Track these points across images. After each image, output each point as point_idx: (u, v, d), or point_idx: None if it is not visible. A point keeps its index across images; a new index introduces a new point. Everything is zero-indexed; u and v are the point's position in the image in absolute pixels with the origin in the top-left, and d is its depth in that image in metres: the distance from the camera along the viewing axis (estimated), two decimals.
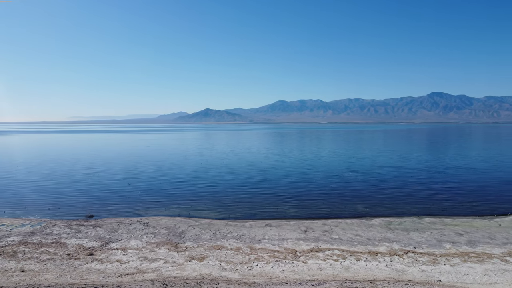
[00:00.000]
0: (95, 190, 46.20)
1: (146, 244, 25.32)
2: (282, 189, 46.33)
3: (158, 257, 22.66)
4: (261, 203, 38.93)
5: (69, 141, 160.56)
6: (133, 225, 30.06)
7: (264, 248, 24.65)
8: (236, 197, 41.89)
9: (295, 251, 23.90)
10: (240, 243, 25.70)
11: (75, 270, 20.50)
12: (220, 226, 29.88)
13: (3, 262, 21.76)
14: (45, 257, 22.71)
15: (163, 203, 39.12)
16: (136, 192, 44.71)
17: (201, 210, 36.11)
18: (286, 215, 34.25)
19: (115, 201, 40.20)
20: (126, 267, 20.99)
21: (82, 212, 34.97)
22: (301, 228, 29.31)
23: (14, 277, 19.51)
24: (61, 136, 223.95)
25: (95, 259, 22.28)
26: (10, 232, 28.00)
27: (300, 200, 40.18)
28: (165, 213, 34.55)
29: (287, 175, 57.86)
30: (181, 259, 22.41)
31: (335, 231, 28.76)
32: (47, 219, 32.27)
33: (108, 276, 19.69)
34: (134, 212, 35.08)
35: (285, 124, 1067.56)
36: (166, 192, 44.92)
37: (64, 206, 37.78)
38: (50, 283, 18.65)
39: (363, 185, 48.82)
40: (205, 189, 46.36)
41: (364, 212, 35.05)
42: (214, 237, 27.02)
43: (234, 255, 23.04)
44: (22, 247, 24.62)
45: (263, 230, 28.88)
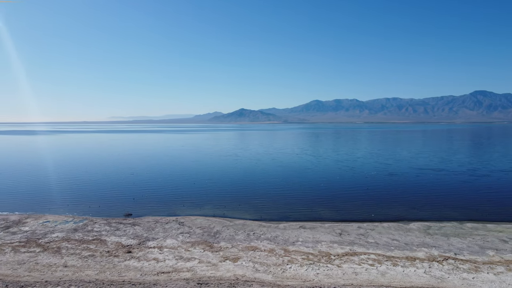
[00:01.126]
0: (133, 189, 47.55)
1: (181, 244, 25.81)
2: (316, 191, 45.89)
3: (193, 257, 23.04)
4: (295, 205, 38.73)
5: (109, 141, 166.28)
6: (169, 224, 30.72)
7: (298, 250, 24.50)
8: (270, 198, 41.89)
9: (329, 254, 23.60)
10: (273, 244, 25.68)
11: (114, 267, 21.21)
12: (254, 227, 29.99)
13: (48, 257, 22.86)
14: (86, 253, 23.65)
15: (198, 202, 39.75)
16: (171, 191, 45.73)
17: (235, 210, 36.40)
18: (320, 217, 33.87)
19: (152, 200, 41.22)
20: (162, 266, 21.48)
21: (121, 211, 36.15)
22: (335, 231, 28.90)
23: (58, 272, 20.43)
24: (101, 136, 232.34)
25: (133, 257, 22.95)
26: (55, 229, 29.36)
27: (334, 202, 39.64)
28: (200, 213, 35.08)
29: (322, 176, 57.21)
30: (215, 259, 22.68)
31: (371, 234, 28.16)
32: (89, 216, 33.60)
33: (145, 274, 20.22)
34: (170, 212, 35.85)
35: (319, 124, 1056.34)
36: (201, 192, 45.58)
37: (104, 204, 39.18)
38: (91, 279, 19.39)
39: (401, 188, 47.48)
40: (239, 190, 46.67)
41: (401, 216, 34.09)
42: (248, 238, 27.15)
43: (267, 257, 23.05)
44: (65, 243, 25.76)
45: (297, 232, 28.72)
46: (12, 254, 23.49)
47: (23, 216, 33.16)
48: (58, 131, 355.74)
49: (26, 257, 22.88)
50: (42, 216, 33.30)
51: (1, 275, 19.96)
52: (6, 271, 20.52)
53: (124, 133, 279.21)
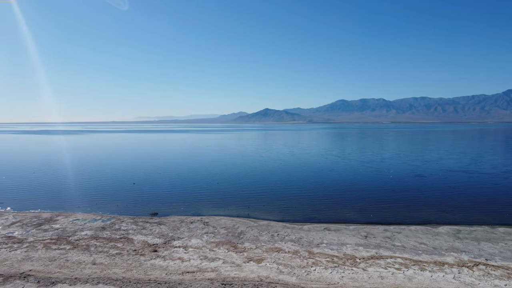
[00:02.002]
0: (159, 188, 48.36)
1: (206, 243, 26.03)
2: (341, 192, 45.36)
3: (217, 257, 23.20)
4: (320, 206, 38.40)
5: (136, 141, 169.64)
6: (194, 224, 31.05)
7: (323, 252, 24.27)
8: (294, 199, 41.70)
9: (354, 257, 23.27)
10: (298, 246, 25.55)
11: (140, 266, 21.62)
12: (278, 228, 29.91)
13: (78, 255, 23.53)
14: (114, 251, 24.20)
15: (222, 202, 40.02)
16: (196, 190, 46.23)
17: (259, 211, 36.42)
18: (345, 219, 33.44)
19: (177, 199, 41.78)
20: (187, 265, 21.72)
21: (147, 210, 36.82)
22: (361, 234, 28.48)
23: (87, 270, 21.00)
24: (128, 135, 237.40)
25: (159, 256, 23.32)
26: (84, 227, 30.20)
27: (360, 204, 39.05)
28: (224, 213, 35.31)
29: (347, 177, 56.50)
30: (240, 259, 22.75)
31: (397, 238, 27.58)
32: (116, 215, 34.38)
33: (170, 273, 20.51)
34: (194, 211, 36.24)
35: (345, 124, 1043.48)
36: (225, 192, 45.88)
37: (131, 203, 40.01)
38: (118, 277, 19.83)
39: (429, 190, 46.29)
40: (263, 190, 46.68)
41: (430, 219, 33.23)
42: (272, 239, 27.11)
43: (291, 259, 22.95)
44: (94, 241, 26.45)
45: (321, 234, 28.46)
46: (44, 250, 24.32)
47: (54, 214, 34.28)
48: (87, 131, 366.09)
49: (57, 254, 23.63)
50: (72, 214, 34.33)
51: (33, 271, 20.68)
52: (38, 267, 21.25)
53: (150, 133, 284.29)
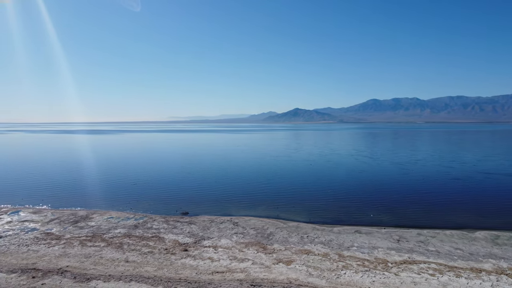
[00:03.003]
0: (190, 187, 49.08)
1: (235, 244, 26.17)
2: (373, 194, 44.46)
3: (246, 258, 23.27)
4: (350, 208, 37.79)
5: (168, 140, 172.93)
6: (224, 224, 31.28)
7: (353, 256, 23.87)
8: (324, 200, 41.25)
9: (386, 262, 22.74)
10: (328, 248, 25.25)
11: (171, 265, 21.99)
12: (308, 230, 29.67)
13: (111, 252, 24.22)
14: (146, 250, 24.75)
15: (251, 203, 40.12)
16: (225, 190, 46.57)
17: (289, 212, 36.23)
18: (377, 222, 32.70)
19: (207, 199, 42.24)
20: (217, 265, 21.91)
21: (178, 209, 37.41)
22: (393, 237, 27.81)
23: (120, 267, 21.58)
24: (160, 135, 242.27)
25: (189, 255, 23.64)
26: (117, 225, 31.06)
27: (392, 207, 38.12)
28: (254, 214, 35.35)
29: (379, 179, 55.32)
30: (269, 261, 22.73)
31: (431, 242, 26.75)
32: (148, 214, 35.14)
33: (200, 273, 20.74)
34: (224, 211, 36.51)
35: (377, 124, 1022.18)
36: (255, 192, 45.97)
37: (163, 202, 40.79)
38: (149, 275, 20.25)
39: (466, 193, 44.61)
40: (293, 191, 46.43)
41: (466, 223, 32.01)
42: (302, 241, 26.92)
43: (321, 261, 22.70)
44: (127, 239, 27.15)
45: (352, 236, 28.00)
46: (79, 247, 25.18)
47: (89, 212, 35.44)
48: (121, 130, 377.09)
49: (92, 251, 24.41)
50: (106, 212, 35.37)
51: (70, 267, 21.45)
52: (74, 264, 22.03)
53: (182, 133, 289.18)
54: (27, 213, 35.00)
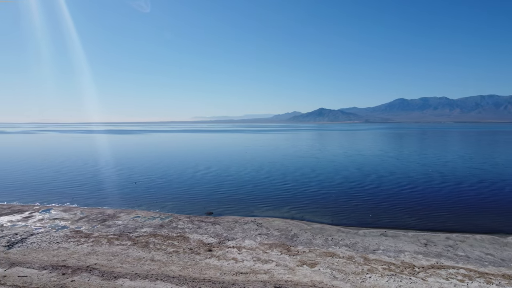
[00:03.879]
0: (214, 187, 49.47)
1: (259, 245, 26.19)
2: (399, 196, 43.57)
3: (270, 259, 23.24)
4: (376, 210, 37.13)
5: (192, 140, 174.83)
6: (248, 224, 31.36)
7: (379, 259, 23.45)
8: (349, 202, 40.71)
9: (413, 266, 22.22)
10: (352, 251, 24.91)
11: (195, 264, 22.22)
12: (332, 232, 29.37)
13: (138, 251, 24.69)
14: (171, 249, 25.10)
15: (275, 204, 40.04)
16: (249, 191, 46.68)
17: (313, 213, 35.96)
18: (403, 225, 32.00)
19: (231, 199, 42.46)
20: (241, 266, 21.98)
21: (203, 209, 37.78)
22: (420, 241, 27.16)
23: (146, 266, 21.97)
24: (185, 135, 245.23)
25: (213, 256, 23.82)
26: (144, 224, 31.63)
27: (419, 210, 37.19)
28: (277, 215, 35.27)
29: (405, 181, 54.16)
30: (292, 263, 22.62)
31: (460, 247, 25.97)
32: (173, 213, 35.62)
33: (224, 273, 20.86)
34: (248, 212, 36.59)
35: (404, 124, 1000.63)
36: (279, 193, 45.85)
37: (187, 202, 41.30)
38: (174, 275, 20.53)
39: (498, 197, 43.05)
40: (317, 192, 46.06)
41: (498, 228, 30.90)
42: (326, 243, 26.66)
43: (346, 264, 22.41)
44: (152, 238, 27.61)
45: (377, 239, 27.53)
46: (107, 246, 25.79)
47: (117, 211, 36.25)
48: (147, 130, 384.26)
49: (119, 249, 24.96)
50: (133, 212, 36.10)
51: (98, 265, 22.01)
52: (102, 261, 22.58)
53: (206, 133, 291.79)
54: (57, 211, 36.13)
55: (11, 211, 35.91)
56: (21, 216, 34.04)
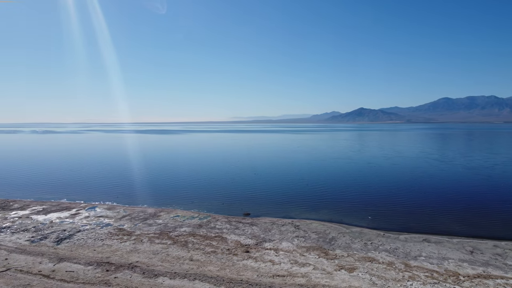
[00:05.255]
0: (251, 188, 49.74)
1: (296, 248, 26.05)
2: (443, 200, 41.85)
3: (307, 262, 23.06)
4: (418, 215, 35.89)
5: (230, 140, 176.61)
6: (285, 226, 31.27)
7: (420, 266, 22.66)
8: (389, 205, 39.63)
9: (457, 274, 21.29)
10: (393, 257, 24.22)
11: (233, 265, 22.44)
12: (372, 236, 28.71)
13: (177, 250, 25.27)
14: (209, 249, 25.49)
15: (312, 206, 39.64)
16: (286, 192, 46.54)
17: (351, 216, 35.27)
18: (447, 231, 30.69)
19: (269, 200, 42.51)
20: (278, 269, 21.96)
21: (240, 209, 38.08)
22: (466, 248, 25.98)
23: (185, 265, 22.44)
24: (222, 135, 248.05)
25: (250, 257, 23.95)
26: (183, 223, 32.33)
27: (465, 215, 35.53)
28: (315, 217, 34.89)
29: (450, 184, 51.94)
30: (330, 267, 22.32)
31: (510, 256, 24.59)
32: (212, 213, 36.16)
33: (261, 275, 20.92)
34: (285, 213, 36.46)
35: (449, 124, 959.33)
36: (316, 195, 45.36)
37: (225, 202, 41.75)
38: (212, 275, 20.83)
39: None
40: (356, 195, 45.17)
41: None
42: (365, 248, 26.10)
43: (386, 270, 21.83)
44: (191, 238, 28.16)
45: (419, 245, 26.61)
46: (148, 244, 26.59)
47: (157, 210, 37.28)
48: (186, 130, 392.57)
49: (159, 248, 25.65)
50: (173, 211, 36.98)
51: (139, 262, 22.73)
52: (143, 259, 23.30)
53: (244, 133, 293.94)
54: (102, 209, 37.68)
55: (60, 208, 37.85)
56: (68, 213, 35.80)
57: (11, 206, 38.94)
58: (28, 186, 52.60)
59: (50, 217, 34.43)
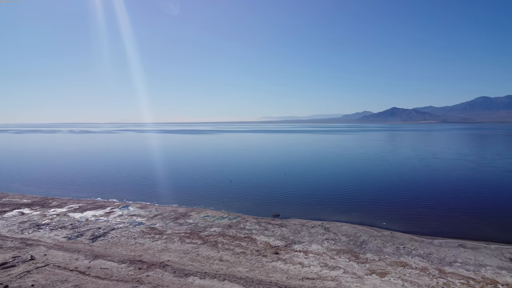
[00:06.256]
0: (281, 189, 49.61)
1: (326, 250, 25.76)
2: (480, 205, 40.25)
3: (337, 266, 22.75)
4: (453, 219, 34.68)
5: (260, 141, 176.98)
6: (315, 228, 31.00)
7: (456, 272, 21.87)
8: (422, 209, 38.43)
9: (495, 283, 20.40)
10: (426, 262, 23.52)
11: (262, 267, 22.45)
12: (404, 240, 27.99)
13: (207, 250, 25.56)
14: (238, 250, 25.63)
15: (342, 208, 39.09)
16: (316, 193, 46.11)
17: (383, 219, 34.46)
18: (484, 236, 29.47)
19: (298, 202, 42.27)
20: (307, 271, 21.79)
21: (269, 211, 38.03)
22: (504, 255, 24.87)
23: (215, 265, 22.66)
24: (252, 135, 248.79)
25: (280, 259, 23.89)
26: (213, 223, 32.66)
27: (504, 221, 33.95)
28: (345, 219, 34.35)
29: (487, 188, 49.90)
30: (361, 271, 21.93)
31: None
32: (241, 214, 36.32)
33: (291, 277, 20.82)
34: (315, 215, 36.10)
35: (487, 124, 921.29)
36: (346, 196, 44.73)
37: (254, 203, 41.83)
38: (242, 276, 20.92)
39: None
40: (388, 197, 44.19)
41: None
42: (397, 252, 25.48)
43: (419, 276, 21.21)
44: (221, 238, 28.41)
45: (455, 251, 25.71)
46: (179, 243, 27.04)
47: (188, 210, 37.85)
48: (217, 130, 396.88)
49: (190, 248, 26.03)
50: (203, 211, 37.44)
51: (170, 261, 23.15)
52: (174, 258, 23.71)
53: (273, 133, 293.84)
54: (135, 208, 38.65)
55: (95, 206, 39.12)
56: (103, 211, 36.95)
57: (50, 204, 40.62)
58: (65, 184, 54.75)
59: (85, 215, 35.66)
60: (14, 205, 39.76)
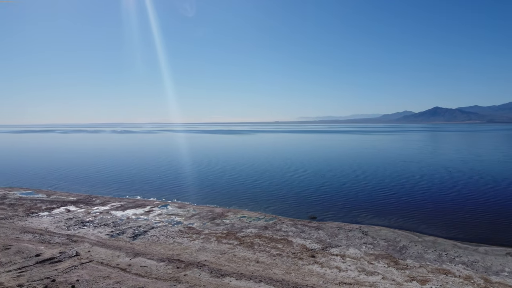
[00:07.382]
0: (318, 191, 49.13)
1: (364, 255, 25.25)
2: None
3: (376, 271, 22.23)
4: (501, 225, 32.95)
5: (295, 141, 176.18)
6: (352, 232, 30.46)
7: (503, 282, 20.77)
8: (467, 214, 36.79)
9: None
10: (471, 271, 22.50)
11: (298, 270, 22.33)
12: (447, 247, 26.93)
13: (243, 251, 25.74)
14: (274, 252, 25.63)
15: (381, 211, 38.14)
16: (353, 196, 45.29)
17: (424, 224, 33.30)
18: None
19: (335, 204, 41.69)
20: (344, 276, 21.45)
21: (305, 212, 37.76)
22: None
23: (251, 267, 22.78)
24: (289, 136, 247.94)
25: (316, 262, 23.66)
26: (249, 224, 32.85)
27: None
28: (384, 223, 33.47)
29: None
30: (400, 277, 21.31)
31: None
32: (277, 215, 36.30)
33: (327, 281, 20.57)
34: (352, 218, 35.45)
35: None
36: (385, 200, 43.58)
37: (291, 204, 41.68)
38: (277, 278, 20.90)
39: None
40: (430, 201, 42.62)
41: None
42: (439, 259, 24.55)
43: (462, 285, 20.33)
44: (257, 239, 28.52)
45: (502, 259, 24.43)
46: (216, 243, 27.41)
47: (225, 210, 38.29)
48: (254, 130, 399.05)
49: (226, 248, 26.33)
50: (239, 211, 37.75)
51: (207, 261, 23.50)
52: (211, 259, 24.05)
53: (311, 133, 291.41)
54: (173, 207, 39.57)
55: (136, 205, 40.40)
56: (143, 210, 38.10)
57: (94, 202, 42.38)
58: (108, 183, 56.99)
59: (127, 213, 36.92)
60: (61, 203, 41.81)
